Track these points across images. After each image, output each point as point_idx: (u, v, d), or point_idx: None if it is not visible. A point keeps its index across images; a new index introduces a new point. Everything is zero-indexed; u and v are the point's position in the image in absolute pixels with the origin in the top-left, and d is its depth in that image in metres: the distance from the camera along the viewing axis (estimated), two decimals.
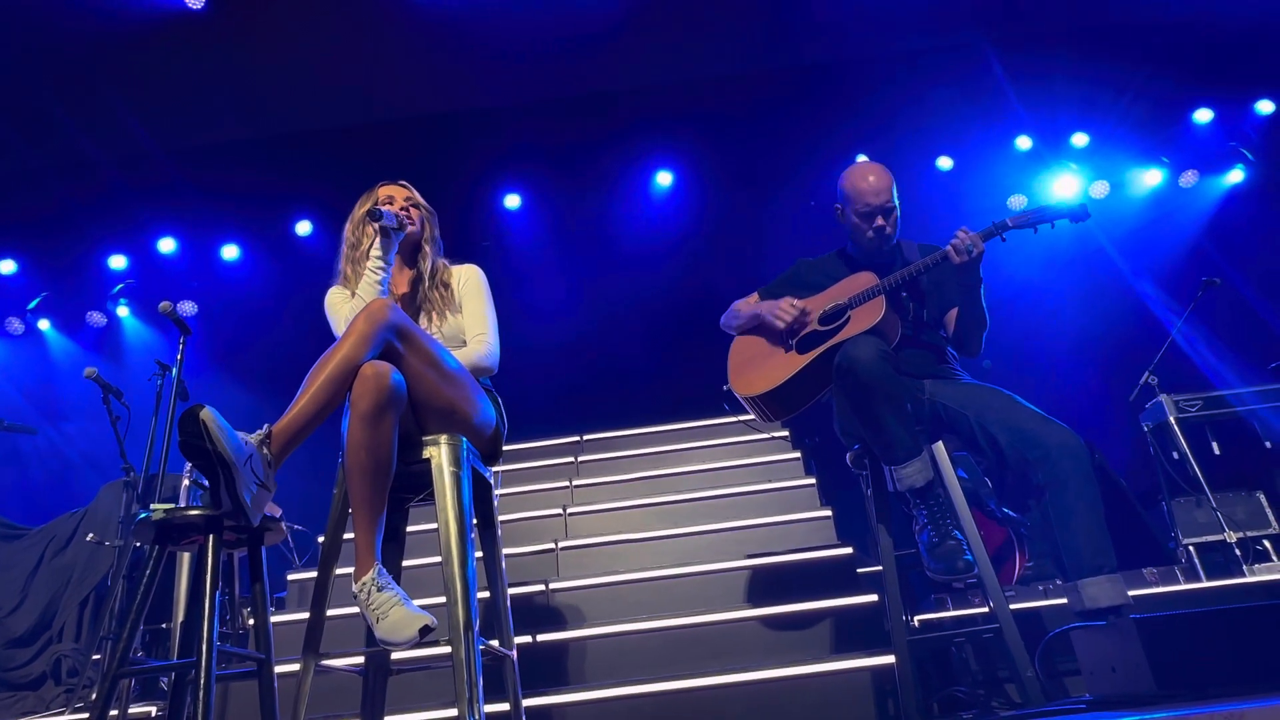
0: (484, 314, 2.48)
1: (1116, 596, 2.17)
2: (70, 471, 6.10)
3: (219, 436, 1.73)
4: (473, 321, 2.46)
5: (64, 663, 3.93)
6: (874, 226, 2.74)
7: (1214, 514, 3.85)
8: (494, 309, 2.54)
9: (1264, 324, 5.71)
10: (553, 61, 5.67)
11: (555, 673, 2.90)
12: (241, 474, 1.77)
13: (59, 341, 6.55)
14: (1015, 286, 5.67)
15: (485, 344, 2.43)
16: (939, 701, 2.69)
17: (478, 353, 2.40)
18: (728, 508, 3.89)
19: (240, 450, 1.78)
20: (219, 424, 1.74)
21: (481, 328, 2.45)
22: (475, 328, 2.45)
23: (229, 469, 1.75)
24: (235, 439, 1.78)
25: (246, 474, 1.78)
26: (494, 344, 2.45)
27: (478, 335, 2.44)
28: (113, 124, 5.54)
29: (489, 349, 2.42)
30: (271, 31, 5.24)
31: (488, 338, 2.44)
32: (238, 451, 1.77)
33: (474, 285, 2.54)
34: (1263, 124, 6.08)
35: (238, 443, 1.78)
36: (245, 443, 1.81)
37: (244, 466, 1.78)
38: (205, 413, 1.73)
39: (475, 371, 2.33)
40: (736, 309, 2.91)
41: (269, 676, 1.98)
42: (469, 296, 2.51)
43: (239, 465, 1.76)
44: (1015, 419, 2.38)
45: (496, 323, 2.51)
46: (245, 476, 1.78)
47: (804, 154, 6.12)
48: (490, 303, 2.53)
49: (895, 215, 2.77)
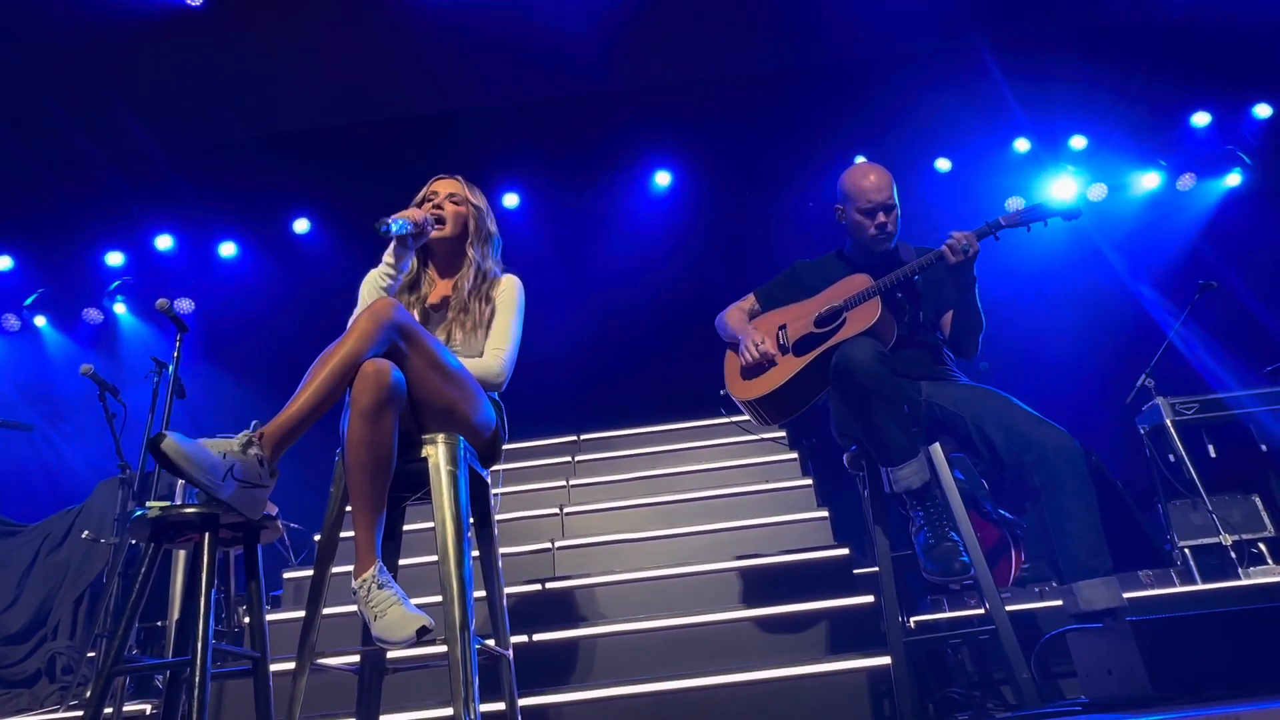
0: (509, 328, 2.40)
1: (1112, 599, 2.18)
2: (66, 468, 6.09)
3: (184, 465, 1.73)
4: (497, 333, 2.39)
5: (58, 660, 3.92)
6: (876, 223, 2.74)
7: (1210, 517, 3.85)
8: (521, 325, 2.45)
9: (1261, 327, 5.72)
10: (551, 61, 5.66)
11: (551, 672, 2.90)
12: (220, 488, 1.78)
13: (55, 338, 6.54)
14: (1013, 289, 5.68)
15: (499, 360, 2.35)
16: (935, 703, 2.69)
17: (489, 367, 2.32)
18: (725, 508, 3.89)
19: (215, 469, 1.78)
20: (183, 452, 1.73)
21: (503, 341, 2.37)
22: (497, 340, 2.38)
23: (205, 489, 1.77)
24: (205, 458, 1.77)
25: (225, 486, 1.79)
26: (508, 361, 2.37)
27: (496, 349, 2.36)
28: (110, 121, 5.53)
29: (501, 365, 2.34)
30: (270, 29, 5.23)
31: (504, 354, 2.36)
32: (211, 471, 1.77)
33: (509, 297, 2.45)
34: (1260, 128, 6.09)
35: (211, 461, 1.78)
36: (222, 455, 1.80)
37: (223, 481, 1.78)
38: (167, 443, 1.72)
39: (484, 384, 2.28)
40: (726, 319, 2.91)
41: (264, 675, 1.97)
42: (502, 308, 2.42)
43: (215, 484, 1.77)
44: (1012, 421, 2.39)
45: (519, 339, 2.42)
46: (224, 488, 1.79)
47: (802, 155, 6.13)
48: (519, 317, 2.45)
49: (897, 213, 2.77)
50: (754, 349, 2.69)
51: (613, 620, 3.06)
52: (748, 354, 2.70)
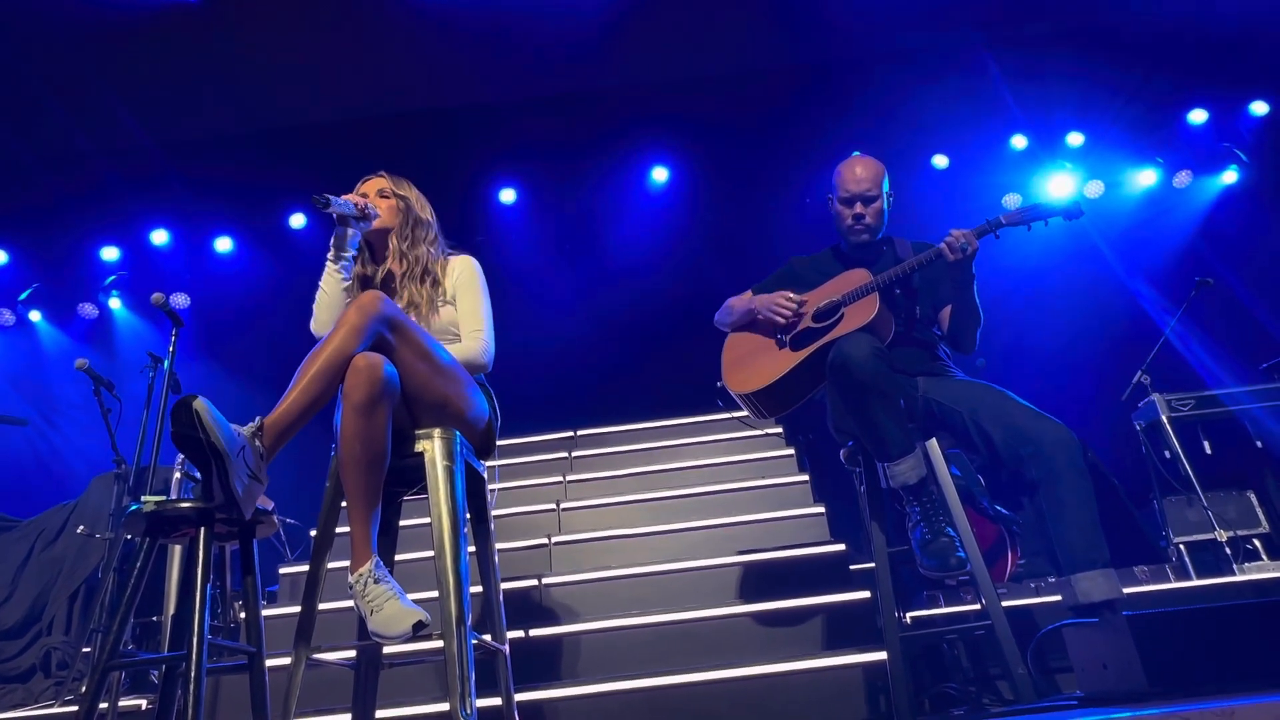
0: (479, 309, 2.41)
1: (1110, 590, 2.18)
2: (61, 463, 6.08)
3: (212, 427, 1.72)
4: (467, 317, 2.39)
5: (54, 655, 3.91)
6: (853, 213, 2.74)
7: (1205, 513, 3.86)
8: (489, 302, 2.46)
9: (1257, 324, 5.73)
10: (549, 57, 5.66)
11: (548, 667, 2.90)
12: (234, 464, 1.76)
13: (50, 333, 6.52)
14: (1009, 285, 5.69)
15: (480, 341, 2.37)
16: (930, 698, 2.69)
17: (472, 349, 2.34)
18: (721, 504, 3.89)
19: (233, 441, 1.77)
20: (212, 415, 1.73)
21: (476, 323, 2.39)
22: (470, 323, 2.39)
23: (222, 459, 1.74)
24: (228, 430, 1.77)
25: (239, 465, 1.77)
26: (489, 340, 2.39)
27: (473, 331, 2.37)
28: (106, 115, 5.52)
29: (484, 345, 2.37)
30: (266, 23, 5.21)
31: (483, 334, 2.38)
32: (230, 442, 1.76)
33: (468, 278, 2.45)
34: (1257, 125, 6.10)
35: (231, 434, 1.77)
36: (238, 434, 1.80)
37: (237, 457, 1.77)
38: (198, 403, 1.72)
39: (470, 368, 2.29)
40: (731, 305, 2.90)
41: (260, 670, 1.97)
42: (463, 290, 2.43)
43: (232, 456, 1.75)
44: (1009, 415, 2.39)
45: (492, 317, 2.44)
46: (238, 467, 1.77)
47: (799, 152, 6.13)
48: (485, 296, 2.46)
49: (878, 206, 2.75)
50: (784, 303, 2.67)
51: (609, 616, 3.06)
52: (780, 311, 2.67)
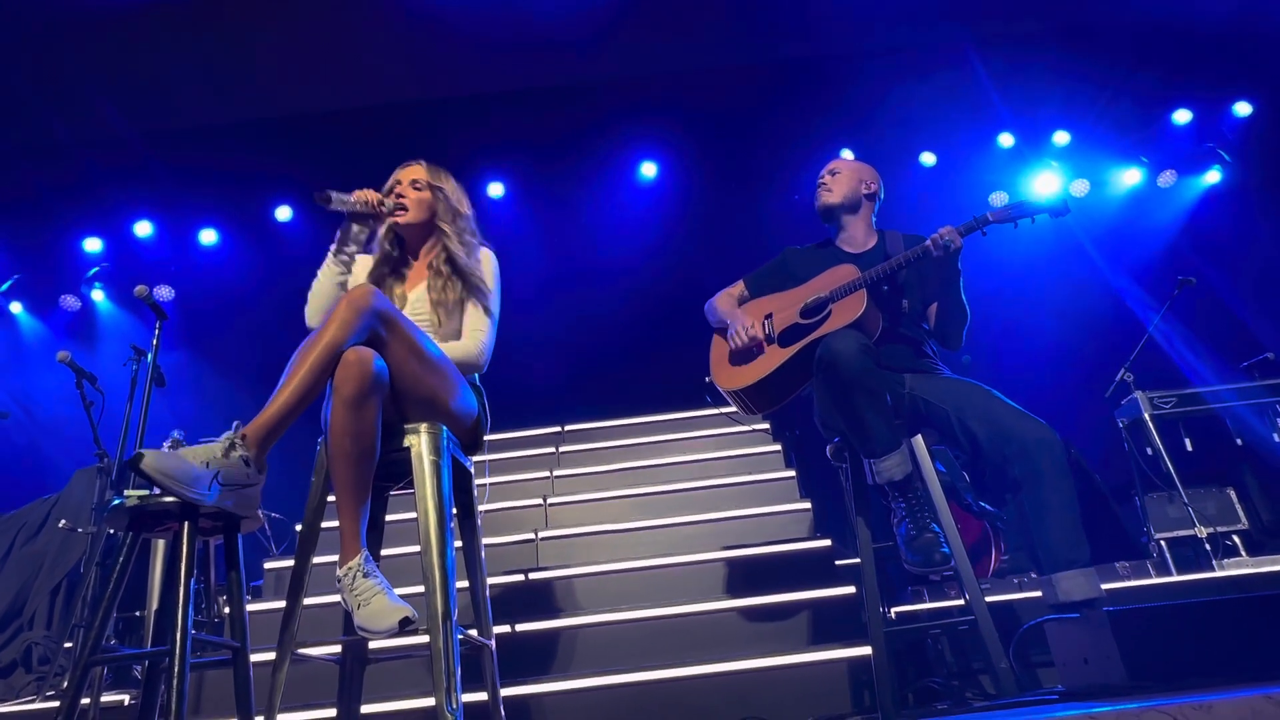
0: (486, 309, 2.38)
1: (1090, 590, 2.20)
2: (42, 457, 6.01)
3: (167, 482, 1.70)
4: (473, 316, 2.36)
5: (35, 650, 3.87)
6: (819, 185, 2.91)
7: (1185, 509, 3.91)
8: (499, 303, 2.43)
9: (1238, 322, 5.79)
10: (537, 49, 5.63)
11: (534, 662, 2.90)
12: (207, 496, 1.76)
13: (32, 325, 6.45)
14: (995, 283, 5.71)
15: (478, 342, 2.33)
16: (914, 692, 2.71)
17: (468, 350, 2.31)
18: (708, 499, 3.90)
19: (197, 480, 1.75)
20: (163, 469, 1.70)
21: (479, 324, 2.35)
22: (473, 322, 2.35)
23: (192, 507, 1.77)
24: (186, 471, 1.74)
25: (214, 492, 1.78)
26: (487, 342, 2.35)
27: (475, 331, 2.34)
28: (86, 105, 5.45)
29: (481, 347, 2.33)
30: (251, 13, 5.16)
31: (483, 336, 2.34)
32: (195, 483, 1.75)
33: (484, 276, 2.42)
34: (1240, 125, 6.16)
35: (192, 474, 1.75)
36: (205, 464, 1.78)
37: (208, 489, 1.77)
38: (146, 460, 1.68)
39: (463, 368, 2.27)
40: (716, 304, 2.92)
41: (244, 665, 1.96)
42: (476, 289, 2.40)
43: (199, 494, 1.75)
44: (994, 414, 2.41)
45: (497, 318, 2.40)
46: (213, 494, 1.77)
47: (788, 148, 6.14)
48: (496, 297, 2.42)
49: (841, 177, 2.88)
50: (743, 333, 2.71)
51: (596, 610, 3.06)
52: (737, 338, 2.72)
